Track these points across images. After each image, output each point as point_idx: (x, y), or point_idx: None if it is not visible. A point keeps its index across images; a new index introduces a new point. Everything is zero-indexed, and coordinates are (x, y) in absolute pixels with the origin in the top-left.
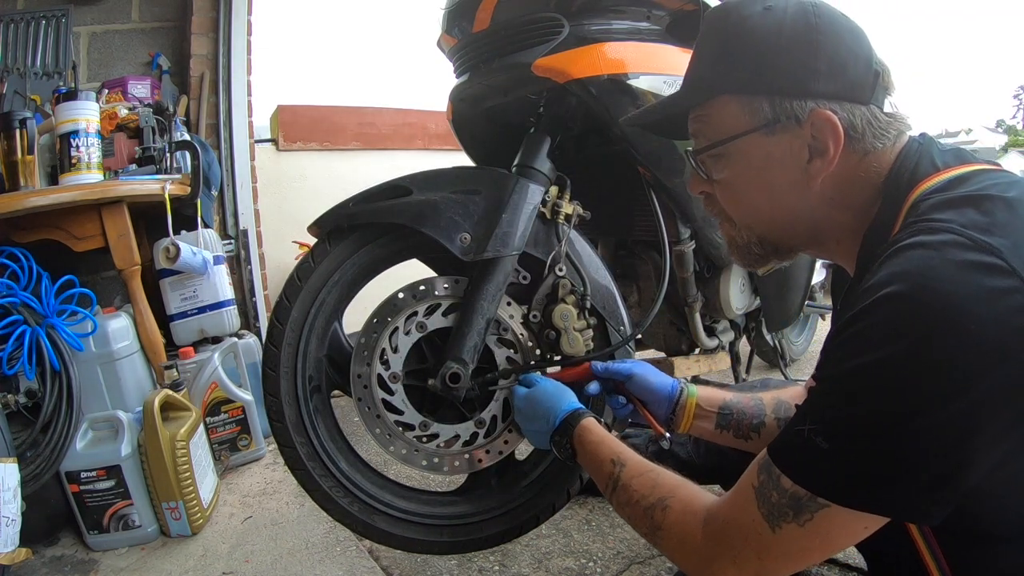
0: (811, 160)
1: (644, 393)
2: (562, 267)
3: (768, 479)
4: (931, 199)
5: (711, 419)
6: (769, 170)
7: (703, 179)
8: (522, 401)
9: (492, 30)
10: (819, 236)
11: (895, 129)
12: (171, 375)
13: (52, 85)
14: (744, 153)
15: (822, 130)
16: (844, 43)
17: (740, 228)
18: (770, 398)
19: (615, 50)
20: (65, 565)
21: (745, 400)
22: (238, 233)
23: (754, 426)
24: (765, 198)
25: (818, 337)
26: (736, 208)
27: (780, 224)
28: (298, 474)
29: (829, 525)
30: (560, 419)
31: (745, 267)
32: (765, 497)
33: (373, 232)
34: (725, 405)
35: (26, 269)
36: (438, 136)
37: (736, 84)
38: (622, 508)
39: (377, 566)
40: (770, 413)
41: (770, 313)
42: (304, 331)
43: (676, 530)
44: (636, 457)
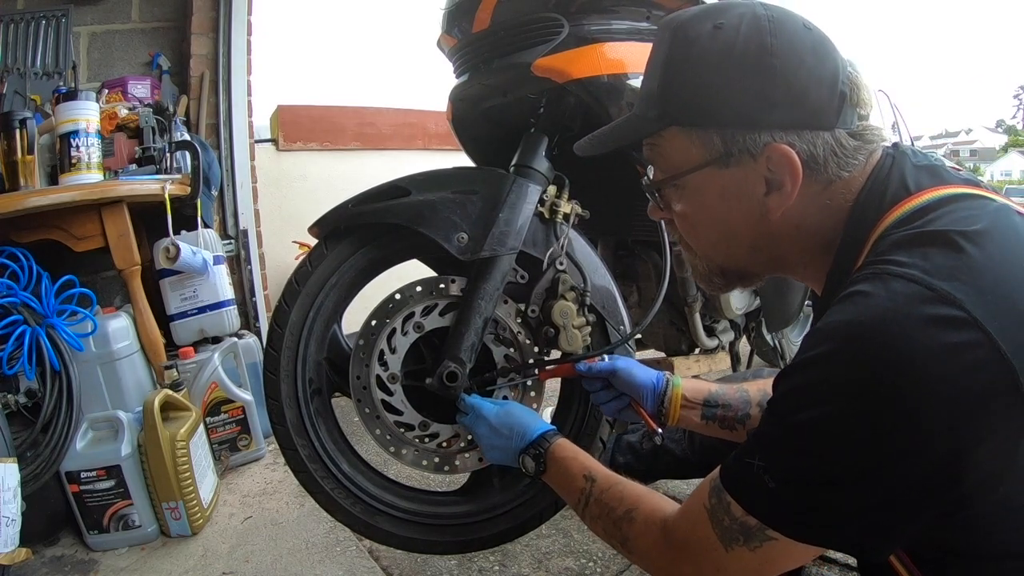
0: (768, 194)
1: (629, 388)
2: (562, 261)
3: (719, 504)
4: (894, 235)
5: (697, 411)
6: (724, 204)
7: (660, 209)
8: (494, 416)
9: (492, 30)
10: (783, 264)
11: (864, 152)
12: (171, 375)
13: (52, 85)
14: (698, 187)
15: (778, 164)
16: (804, 65)
17: (701, 258)
18: (756, 389)
19: (615, 50)
20: (65, 565)
21: (731, 392)
22: (238, 233)
23: (739, 418)
24: (722, 231)
25: None
26: (694, 240)
27: (739, 256)
28: (300, 476)
29: (777, 553)
30: (537, 435)
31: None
32: (717, 520)
33: (371, 233)
34: (710, 397)
35: (26, 269)
36: (438, 136)
37: (684, 116)
38: (594, 522)
39: (377, 566)
40: (755, 405)
41: (770, 313)
42: (303, 335)
43: (640, 541)
44: (606, 471)
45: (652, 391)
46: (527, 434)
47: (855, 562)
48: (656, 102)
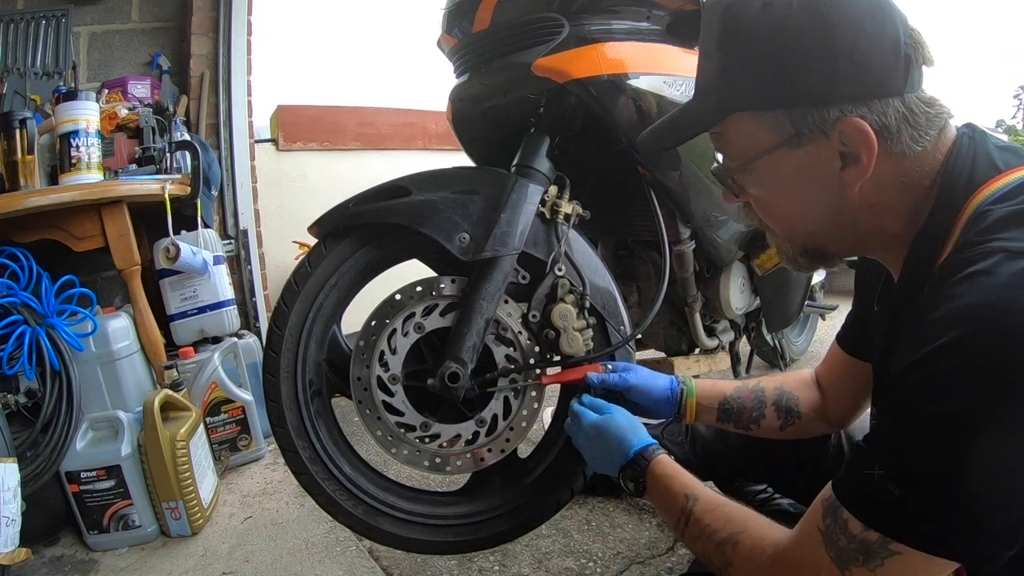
0: (844, 168)
1: (646, 402)
2: (561, 266)
3: (835, 523)
4: (996, 211)
5: (712, 413)
6: (802, 184)
7: (735, 195)
8: (592, 428)
9: (492, 30)
10: (863, 242)
11: (936, 125)
12: (171, 375)
13: (52, 85)
14: (772, 169)
15: (851, 138)
16: (864, 32)
17: (783, 240)
18: (772, 388)
19: (615, 50)
20: (65, 565)
21: (745, 393)
22: (238, 233)
23: (754, 418)
24: (801, 212)
25: (819, 337)
26: (774, 222)
27: (819, 234)
28: (301, 479)
29: (901, 570)
30: (635, 452)
31: (796, 271)
32: (832, 541)
33: (370, 233)
34: (725, 400)
35: (26, 269)
36: (438, 136)
37: (746, 100)
38: (694, 543)
39: (377, 566)
40: (770, 404)
41: (770, 313)
42: (303, 336)
43: (745, 567)
44: (708, 492)
45: (668, 402)
46: (626, 450)
47: None
48: (715, 90)
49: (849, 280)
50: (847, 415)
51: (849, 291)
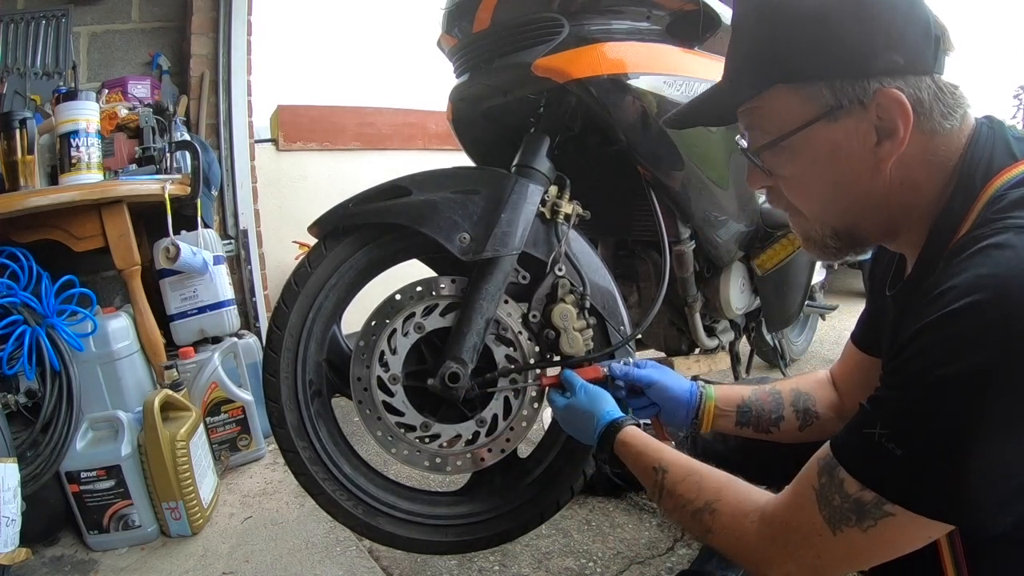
0: (879, 143)
1: (663, 400)
2: (561, 267)
3: (830, 481)
4: (1012, 194)
5: (730, 418)
6: (837, 160)
7: (764, 175)
8: (561, 411)
9: (492, 30)
10: (893, 225)
11: (961, 108)
12: (171, 375)
13: (52, 85)
14: (808, 145)
15: (889, 110)
16: (899, 9)
17: (813, 222)
18: (788, 390)
19: (615, 50)
20: (65, 565)
21: (763, 396)
22: (238, 233)
23: (773, 421)
24: (836, 189)
25: (819, 337)
26: (806, 202)
27: (854, 215)
28: (301, 479)
29: (893, 532)
30: (602, 426)
31: (821, 260)
32: (826, 500)
33: (370, 233)
34: (743, 404)
35: (26, 269)
36: (438, 136)
37: (788, 73)
38: (670, 514)
39: (377, 566)
40: (788, 406)
41: (770, 313)
42: (303, 336)
43: (728, 533)
44: (679, 460)
45: (686, 404)
46: (594, 426)
47: None
48: (754, 63)
49: (848, 280)
50: None
51: (849, 291)
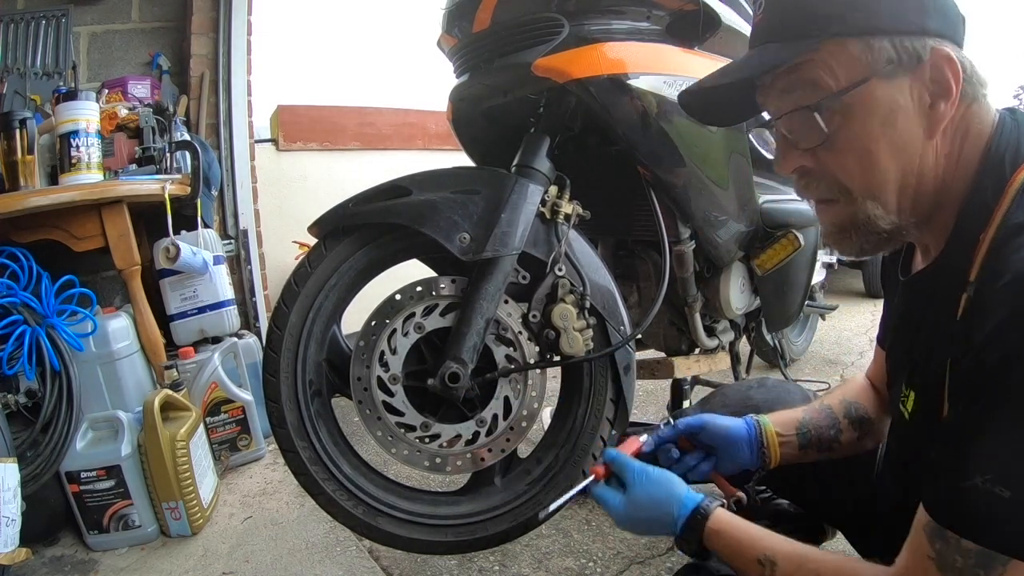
0: (933, 104)
1: (721, 441)
2: (561, 267)
3: (945, 546)
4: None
5: (793, 443)
6: (895, 120)
7: (801, 151)
8: (622, 512)
9: (492, 30)
10: (933, 205)
11: (987, 82)
12: (171, 375)
13: (52, 85)
14: (866, 103)
15: (942, 70)
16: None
17: (861, 200)
18: (837, 402)
19: (615, 50)
20: (65, 565)
21: (816, 414)
22: (238, 233)
23: (833, 437)
24: (892, 155)
25: (818, 337)
26: (859, 171)
27: (904, 189)
28: (301, 479)
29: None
30: (683, 523)
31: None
32: (949, 565)
33: (370, 233)
34: (801, 425)
35: (26, 269)
36: (438, 136)
37: (845, 26)
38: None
39: (377, 566)
40: (842, 418)
41: (770, 313)
42: (303, 336)
43: None
44: (786, 548)
45: (747, 440)
46: (672, 521)
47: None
48: (804, 18)
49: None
50: None
51: (849, 291)
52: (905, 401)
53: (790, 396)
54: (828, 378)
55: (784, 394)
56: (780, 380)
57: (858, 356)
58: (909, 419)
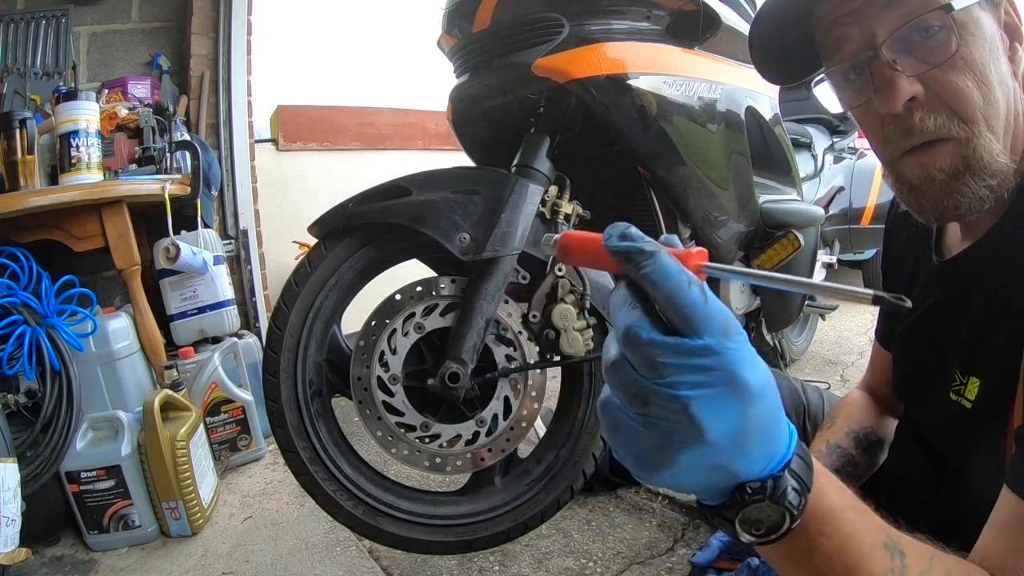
0: (1011, 44)
1: None
2: (561, 267)
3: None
4: None
5: None
6: (996, 49)
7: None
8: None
9: (492, 30)
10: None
11: None
12: (171, 375)
13: (52, 85)
14: (979, 25)
15: (1011, 14)
16: None
17: (981, 132)
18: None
19: (615, 50)
20: (65, 565)
21: (826, 459)
22: (238, 233)
23: (851, 473)
24: (1000, 85)
25: (818, 337)
26: (979, 96)
27: (1010, 128)
28: (301, 479)
29: None
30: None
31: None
32: None
33: (370, 233)
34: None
35: (26, 269)
36: (438, 136)
37: None
38: None
39: (377, 566)
40: (855, 451)
41: (770, 313)
42: (303, 336)
43: None
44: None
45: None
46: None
47: None
48: None
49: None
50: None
51: None
52: (962, 390)
53: (779, 390)
54: (828, 378)
55: None
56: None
57: (858, 356)
58: (972, 407)
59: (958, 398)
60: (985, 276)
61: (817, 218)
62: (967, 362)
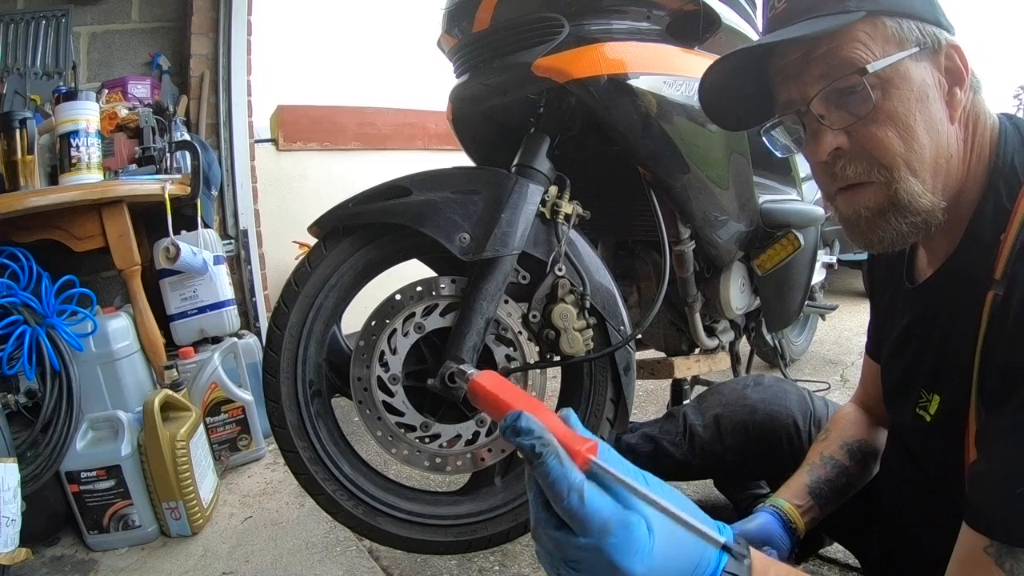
0: (950, 89)
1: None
2: (561, 267)
3: (1017, 563)
4: None
5: (812, 508)
6: (926, 98)
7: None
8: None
9: (492, 30)
10: (957, 197)
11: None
12: (171, 375)
13: (52, 85)
14: (904, 78)
15: (954, 58)
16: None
17: (902, 177)
18: (838, 448)
19: (615, 50)
20: (65, 565)
21: (821, 471)
22: (238, 233)
23: (845, 483)
24: (928, 132)
25: (818, 337)
26: (901, 145)
27: (939, 170)
28: (301, 479)
29: None
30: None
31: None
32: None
33: (370, 233)
34: (812, 488)
35: (26, 269)
36: (438, 136)
37: (881, 4)
38: None
39: (377, 566)
40: (848, 463)
41: (770, 313)
42: (303, 336)
43: None
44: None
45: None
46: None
47: (855, 562)
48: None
49: (848, 280)
50: None
51: (849, 291)
52: (926, 406)
53: (786, 395)
54: (828, 378)
55: (780, 393)
56: (776, 378)
57: (858, 356)
58: (931, 422)
59: (922, 413)
60: (949, 297)
61: (817, 218)
62: (934, 380)
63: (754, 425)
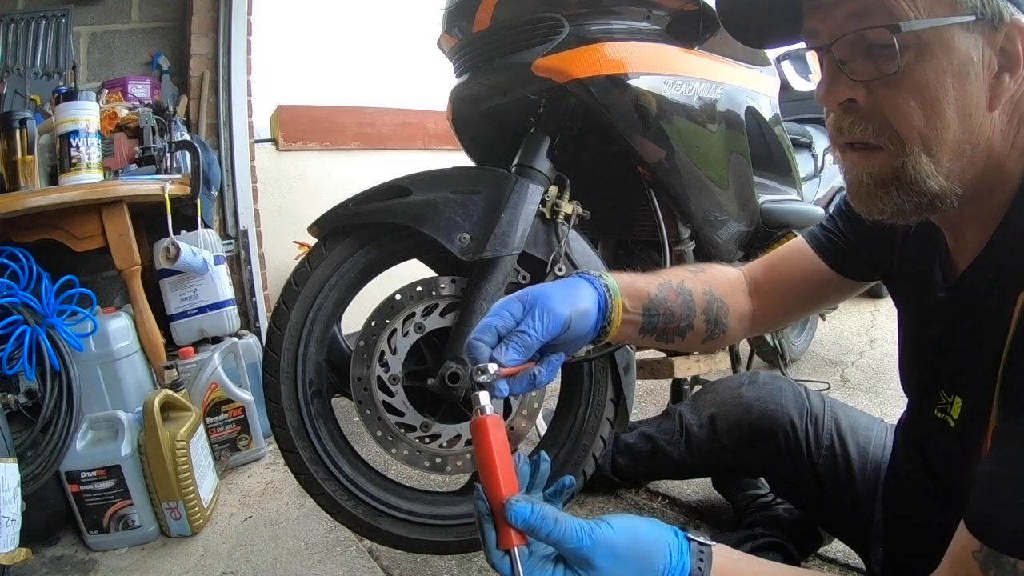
0: (999, 73)
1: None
2: (561, 267)
3: (1000, 572)
4: None
5: (636, 323)
6: (966, 76)
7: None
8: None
9: (492, 30)
10: (987, 189)
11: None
12: (171, 375)
13: (52, 85)
14: (945, 45)
15: (1014, 40)
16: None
17: (914, 151)
18: (701, 293)
19: (615, 50)
20: (65, 565)
21: (672, 297)
22: (238, 233)
23: (681, 329)
24: (957, 112)
25: (818, 337)
26: (920, 118)
27: (961, 154)
28: (301, 479)
29: None
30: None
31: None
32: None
33: (370, 233)
34: (650, 305)
35: (26, 269)
36: (438, 136)
37: None
38: None
39: (377, 566)
40: (700, 314)
41: None
42: (303, 336)
43: None
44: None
45: (596, 309)
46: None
47: (855, 562)
48: None
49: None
50: (771, 321)
51: None
52: (948, 408)
53: (781, 393)
54: (828, 378)
55: (775, 391)
56: (771, 375)
57: (858, 356)
58: (955, 425)
59: (943, 416)
60: (977, 293)
61: (817, 218)
62: (956, 380)
63: (750, 424)
